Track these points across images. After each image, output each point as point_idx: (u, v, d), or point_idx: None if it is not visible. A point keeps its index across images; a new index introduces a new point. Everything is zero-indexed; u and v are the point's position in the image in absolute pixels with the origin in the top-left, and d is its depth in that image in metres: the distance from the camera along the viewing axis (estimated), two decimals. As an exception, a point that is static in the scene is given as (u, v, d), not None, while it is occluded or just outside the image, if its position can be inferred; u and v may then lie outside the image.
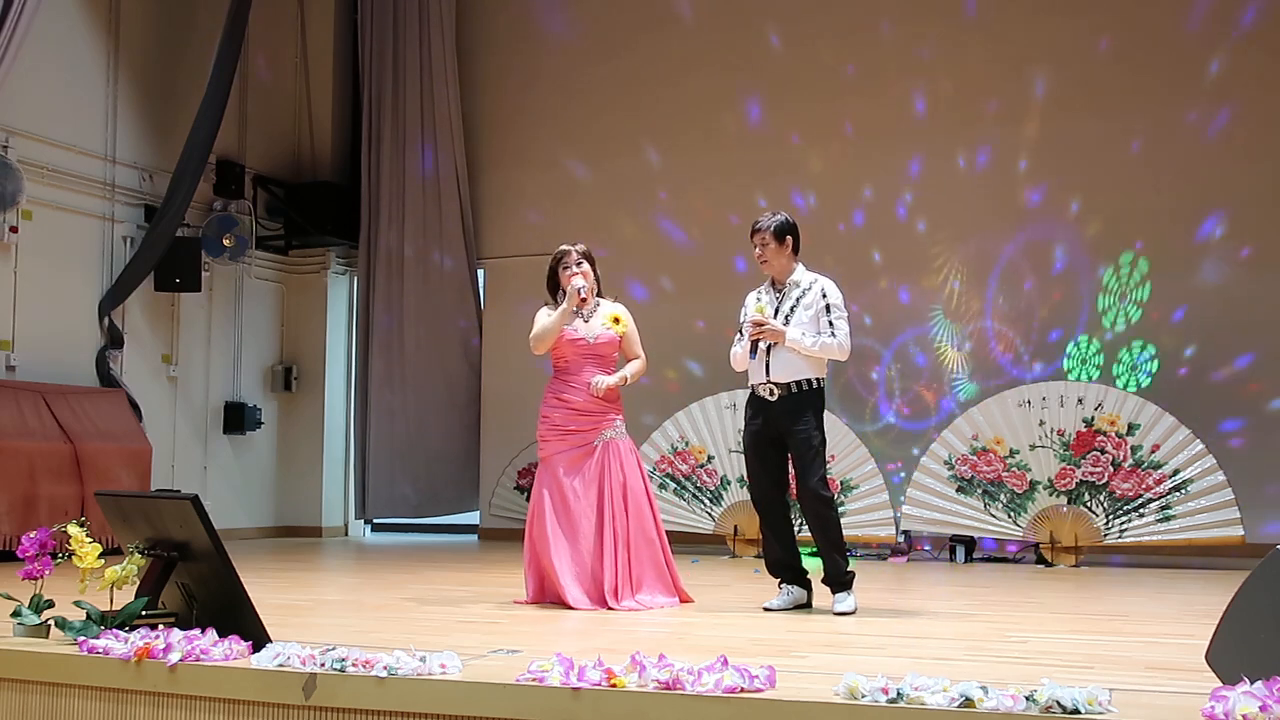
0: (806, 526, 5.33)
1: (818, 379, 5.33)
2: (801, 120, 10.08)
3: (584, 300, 5.58)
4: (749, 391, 5.44)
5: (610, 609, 5.24)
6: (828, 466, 5.42)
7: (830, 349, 5.28)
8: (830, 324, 5.29)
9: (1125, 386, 8.75)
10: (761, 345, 5.33)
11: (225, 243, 10.22)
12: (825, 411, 5.44)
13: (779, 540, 5.40)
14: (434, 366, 11.04)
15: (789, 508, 5.51)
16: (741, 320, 5.50)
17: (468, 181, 11.05)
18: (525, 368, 10.73)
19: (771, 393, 5.30)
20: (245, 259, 10.60)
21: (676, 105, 10.45)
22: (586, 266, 5.66)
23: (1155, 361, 8.99)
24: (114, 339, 9.41)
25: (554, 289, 5.72)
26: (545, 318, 5.65)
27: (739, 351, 5.41)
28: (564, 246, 5.72)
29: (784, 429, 5.30)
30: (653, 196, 10.44)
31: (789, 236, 5.38)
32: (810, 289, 5.37)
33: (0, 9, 7.93)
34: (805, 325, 5.29)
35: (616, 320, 5.66)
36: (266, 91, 11.13)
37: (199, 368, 10.39)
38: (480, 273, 11.17)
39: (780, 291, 5.41)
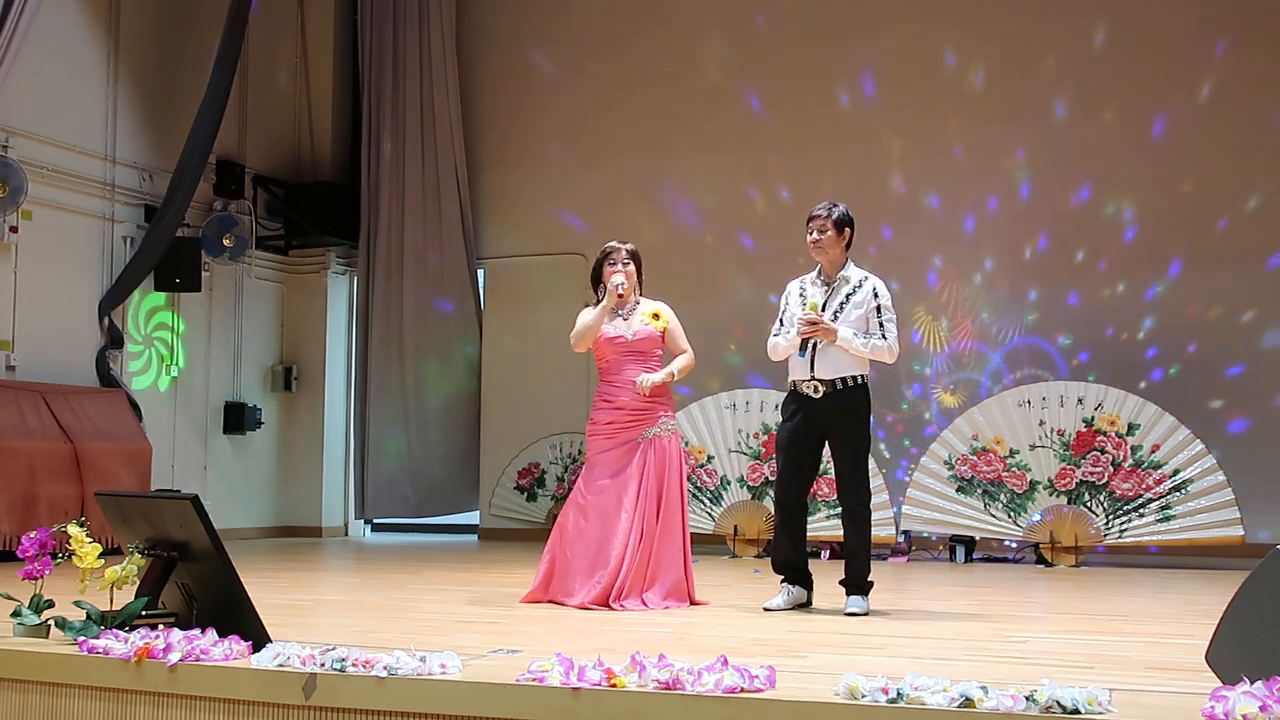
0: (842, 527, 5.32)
1: (863, 375, 5.26)
2: (804, 119, 10.07)
3: (622, 297, 5.55)
4: (789, 387, 5.36)
5: (611, 609, 5.22)
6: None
7: (880, 352, 5.21)
8: (881, 325, 5.23)
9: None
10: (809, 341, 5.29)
11: (225, 243, 10.22)
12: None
13: (792, 541, 5.35)
14: (434, 366, 11.04)
15: (807, 510, 5.48)
16: (783, 310, 5.44)
17: (468, 181, 11.05)
18: (525, 368, 10.75)
19: (816, 390, 5.23)
20: (245, 259, 10.60)
21: (677, 104, 10.45)
22: (631, 266, 5.65)
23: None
24: (114, 339, 9.41)
25: (596, 285, 5.69)
26: (580, 317, 5.64)
27: (782, 343, 5.34)
28: (611, 243, 5.69)
29: (829, 427, 5.24)
30: (654, 195, 10.44)
31: (847, 229, 5.31)
32: (861, 287, 5.28)
33: (0, 9, 7.93)
34: (854, 324, 5.21)
35: (656, 316, 5.63)
36: (266, 91, 11.13)
37: (199, 368, 10.39)
38: (480, 273, 11.17)
39: (830, 285, 5.33)
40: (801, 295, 5.36)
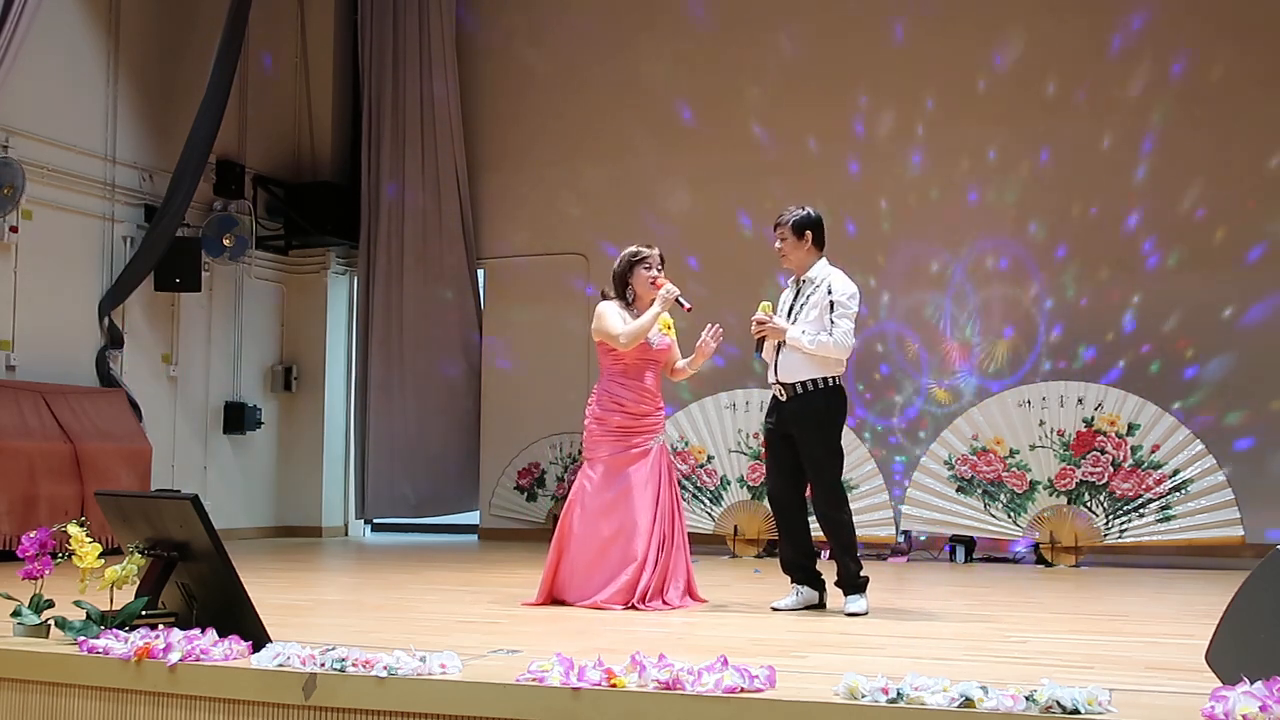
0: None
1: (826, 379, 5.19)
2: (806, 120, 10.07)
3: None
4: None
5: (637, 609, 5.22)
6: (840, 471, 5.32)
7: (826, 348, 5.13)
8: (832, 321, 5.15)
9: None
10: (770, 344, 5.28)
11: (225, 243, 10.22)
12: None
13: (791, 539, 5.34)
14: (434, 366, 11.04)
15: (804, 508, 5.39)
16: None
17: (468, 181, 11.05)
18: (525, 368, 10.75)
19: (782, 393, 5.25)
20: (245, 259, 10.59)
21: (677, 104, 10.46)
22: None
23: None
24: (114, 339, 9.41)
25: (622, 286, 5.60)
26: (616, 314, 5.53)
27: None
28: (641, 249, 5.60)
29: (793, 431, 5.21)
30: (653, 196, 10.44)
31: (808, 231, 5.27)
32: (820, 285, 5.25)
33: (0, 9, 7.93)
34: (812, 323, 5.17)
35: (669, 327, 5.65)
36: (266, 91, 11.12)
37: (199, 368, 10.39)
38: (480, 273, 11.17)
39: (798, 288, 5.34)
40: (765, 303, 5.38)
